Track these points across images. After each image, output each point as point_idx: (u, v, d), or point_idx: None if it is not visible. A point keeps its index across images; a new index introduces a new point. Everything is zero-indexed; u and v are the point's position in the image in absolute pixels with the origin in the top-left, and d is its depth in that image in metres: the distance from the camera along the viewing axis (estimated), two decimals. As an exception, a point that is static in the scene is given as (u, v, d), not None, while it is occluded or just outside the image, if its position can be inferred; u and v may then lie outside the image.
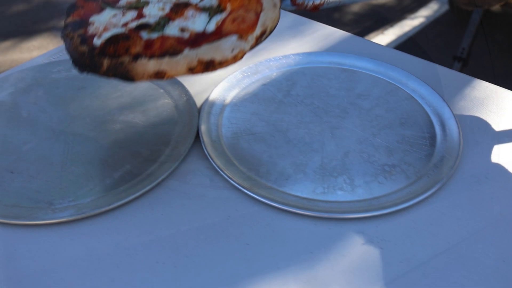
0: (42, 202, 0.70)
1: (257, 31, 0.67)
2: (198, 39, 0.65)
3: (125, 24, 0.70)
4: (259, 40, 0.67)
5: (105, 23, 0.71)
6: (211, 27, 0.67)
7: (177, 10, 0.70)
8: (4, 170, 0.75)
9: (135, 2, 0.75)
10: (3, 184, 0.73)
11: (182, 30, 0.67)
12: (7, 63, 2.57)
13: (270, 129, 0.82)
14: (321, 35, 1.04)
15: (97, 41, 0.67)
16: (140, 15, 0.72)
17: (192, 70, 0.63)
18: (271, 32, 0.69)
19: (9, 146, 0.80)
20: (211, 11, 0.70)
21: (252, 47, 0.66)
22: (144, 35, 0.67)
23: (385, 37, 2.66)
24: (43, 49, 2.68)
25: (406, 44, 2.58)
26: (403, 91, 0.89)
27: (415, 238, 0.66)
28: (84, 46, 0.67)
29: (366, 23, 2.74)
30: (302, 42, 1.02)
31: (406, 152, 0.77)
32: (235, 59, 0.64)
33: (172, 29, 0.67)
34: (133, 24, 0.69)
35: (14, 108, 0.87)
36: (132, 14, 0.73)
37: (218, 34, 0.65)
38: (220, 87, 0.89)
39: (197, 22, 0.68)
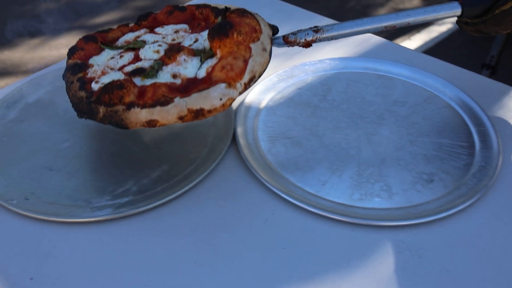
0: (80, 200, 0.71)
1: (246, 78, 0.68)
2: (189, 86, 0.67)
3: (121, 68, 0.73)
4: (248, 86, 0.68)
5: (103, 66, 0.74)
6: (202, 73, 0.69)
7: (170, 55, 0.72)
8: (42, 168, 0.76)
9: (132, 42, 0.78)
10: (41, 181, 0.74)
11: (174, 76, 0.69)
12: (36, 60, 2.60)
13: (306, 134, 0.82)
14: (356, 40, 1.04)
15: (95, 86, 0.70)
16: (137, 57, 0.75)
17: (182, 119, 0.65)
18: (260, 76, 0.70)
19: (47, 143, 0.80)
20: (203, 56, 0.71)
21: (241, 93, 0.67)
22: (138, 81, 0.69)
23: (411, 43, 2.64)
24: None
25: (433, 50, 2.56)
26: (440, 99, 0.89)
27: (455, 249, 0.65)
28: (82, 91, 0.70)
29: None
30: (336, 47, 1.02)
31: (444, 161, 0.77)
32: (224, 106, 0.65)
33: (165, 75, 0.70)
34: (129, 68, 0.72)
35: (52, 106, 0.88)
36: (129, 56, 0.76)
37: (208, 81, 0.66)
38: (256, 90, 0.89)
39: (189, 68, 0.70)
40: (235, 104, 0.87)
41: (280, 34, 0.77)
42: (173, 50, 0.72)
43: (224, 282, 0.62)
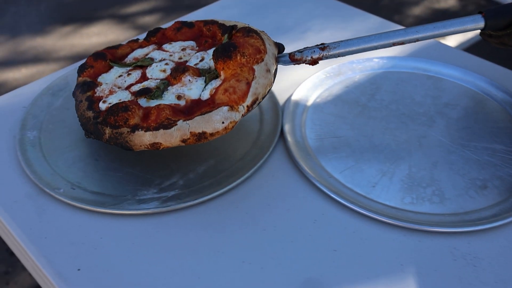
0: (127, 192, 0.70)
1: (248, 100, 0.67)
2: (193, 108, 0.68)
3: (129, 87, 0.74)
4: (251, 108, 0.68)
5: (111, 85, 0.75)
6: (206, 94, 0.69)
7: (176, 76, 0.72)
8: (88, 157, 0.76)
9: (140, 60, 0.79)
10: (87, 171, 0.73)
11: (179, 97, 0.70)
12: (67, 48, 2.61)
13: (354, 133, 0.80)
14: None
15: (102, 106, 0.71)
16: (144, 76, 0.76)
17: (185, 142, 0.65)
18: (264, 97, 0.70)
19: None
20: (207, 77, 0.71)
21: (244, 115, 0.67)
22: (143, 102, 0.70)
23: (446, 43, 2.59)
24: (102, 35, 2.72)
25: (468, 52, 2.51)
26: (492, 102, 0.86)
27: (511, 258, 0.63)
28: (90, 111, 0.71)
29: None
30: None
31: (498, 167, 0.74)
32: (226, 130, 0.65)
33: (170, 96, 0.70)
34: (136, 88, 0.73)
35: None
36: (136, 74, 0.76)
37: (211, 103, 0.67)
38: (303, 86, 0.87)
39: (193, 89, 0.70)
40: (282, 100, 0.86)
41: (287, 51, 0.76)
42: (179, 71, 0.73)
43: (273, 282, 0.60)
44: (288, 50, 0.77)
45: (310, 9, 1.15)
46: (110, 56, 0.81)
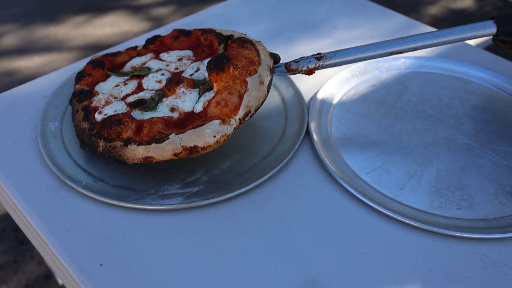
0: (150, 187, 0.69)
1: (240, 113, 0.66)
2: (186, 121, 0.68)
3: (125, 97, 0.75)
4: (243, 121, 0.67)
5: (108, 95, 0.76)
6: (199, 107, 0.68)
7: (170, 87, 0.72)
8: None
9: (138, 69, 0.79)
10: (109, 164, 0.72)
11: (172, 109, 0.70)
12: (80, 38, 2.60)
13: (381, 134, 0.78)
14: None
15: (98, 117, 0.72)
16: (140, 86, 0.76)
17: (177, 155, 0.65)
18: (257, 110, 0.69)
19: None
20: (201, 89, 0.71)
21: (236, 128, 0.66)
22: (137, 114, 0.70)
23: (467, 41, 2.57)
24: (115, 26, 2.70)
25: (488, 50, 2.48)
26: (521, 107, 0.84)
27: (544, 268, 0.62)
28: (85, 122, 0.72)
29: (443, 27, 2.63)
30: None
31: (528, 173, 0.73)
32: (218, 143, 0.65)
33: (164, 108, 0.70)
34: (132, 99, 0.74)
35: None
36: (133, 84, 0.77)
37: (204, 116, 0.67)
38: (329, 84, 0.86)
39: (186, 101, 0.70)
40: (307, 97, 0.84)
41: (316, 48, 0.76)
42: (173, 82, 0.73)
43: (300, 284, 0.59)
44: (316, 48, 0.75)
45: (335, 6, 1.13)
46: (108, 64, 0.81)
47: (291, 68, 0.73)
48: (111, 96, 0.76)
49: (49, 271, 1.54)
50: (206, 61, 0.76)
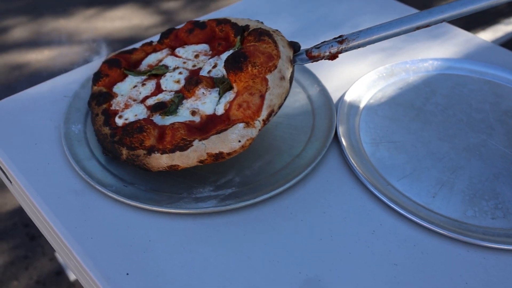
0: (182, 190, 0.67)
1: (264, 114, 0.64)
2: (208, 125, 0.66)
3: (144, 99, 0.73)
4: (266, 122, 0.65)
5: (126, 97, 0.74)
6: (220, 109, 0.67)
7: (189, 88, 0.70)
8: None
9: (154, 68, 0.77)
10: (139, 171, 0.70)
11: (193, 113, 0.68)
12: (90, 31, 2.58)
13: (411, 138, 0.76)
14: (457, 41, 0.97)
15: (119, 121, 0.71)
16: (158, 87, 0.74)
17: (202, 162, 0.63)
18: (280, 107, 0.67)
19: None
20: (221, 88, 0.69)
21: (261, 130, 0.64)
22: (158, 119, 0.69)
23: (482, 36, 2.53)
24: (125, 19, 2.68)
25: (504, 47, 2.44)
26: (553, 112, 0.82)
27: None
28: (106, 127, 0.70)
29: (456, 24, 2.60)
30: (435, 45, 0.96)
31: None
32: (243, 147, 0.63)
33: (184, 111, 0.68)
34: (151, 101, 0.72)
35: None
36: (151, 85, 0.75)
37: (226, 120, 0.65)
38: (355, 87, 0.84)
39: (207, 103, 0.68)
40: (335, 98, 0.82)
41: (304, 47, 0.72)
42: (192, 84, 0.70)
43: (332, 296, 0.57)
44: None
45: (357, 3, 1.11)
46: (124, 63, 0.79)
47: (312, 55, 0.70)
48: (130, 98, 0.74)
49: (61, 267, 1.52)
50: (223, 56, 0.74)
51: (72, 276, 1.49)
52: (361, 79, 0.85)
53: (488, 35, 2.60)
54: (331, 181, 0.70)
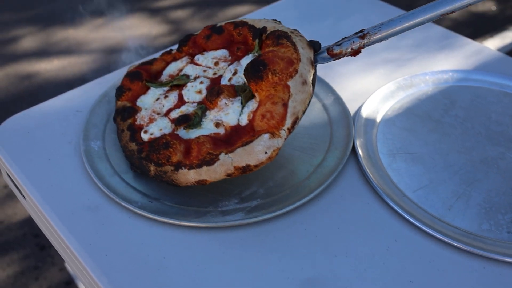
0: (208, 204, 0.67)
1: (288, 122, 0.63)
2: (233, 137, 0.65)
3: (167, 112, 0.73)
4: (292, 129, 0.64)
5: (150, 111, 0.74)
6: (244, 119, 0.66)
7: (211, 100, 0.70)
8: None
9: (176, 78, 0.77)
10: (162, 187, 0.70)
11: (217, 124, 0.67)
12: (99, 40, 2.58)
13: (428, 150, 0.75)
14: (470, 52, 0.96)
15: (144, 136, 0.71)
16: (181, 98, 0.74)
17: (230, 176, 0.63)
18: (304, 112, 0.66)
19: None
20: (243, 97, 0.68)
21: (286, 139, 0.64)
22: (183, 133, 0.68)
23: (485, 45, 2.52)
24: (134, 28, 2.68)
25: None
26: None
27: None
28: (133, 143, 0.71)
29: (464, 31, 2.59)
30: (449, 57, 0.95)
31: None
32: (270, 159, 0.63)
33: (208, 124, 0.68)
34: (175, 114, 0.72)
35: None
36: (173, 97, 0.75)
37: (251, 131, 0.65)
38: (374, 97, 0.83)
39: (230, 113, 0.68)
40: (352, 110, 0.82)
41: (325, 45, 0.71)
42: (213, 94, 0.70)
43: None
44: (364, 55, 0.71)
45: (365, 13, 1.10)
46: (145, 75, 0.79)
47: (334, 53, 0.68)
48: (154, 112, 0.74)
49: (70, 278, 1.52)
50: (242, 61, 0.73)
51: (82, 287, 1.49)
52: (379, 90, 0.85)
53: (496, 42, 2.58)
54: (346, 196, 0.70)
